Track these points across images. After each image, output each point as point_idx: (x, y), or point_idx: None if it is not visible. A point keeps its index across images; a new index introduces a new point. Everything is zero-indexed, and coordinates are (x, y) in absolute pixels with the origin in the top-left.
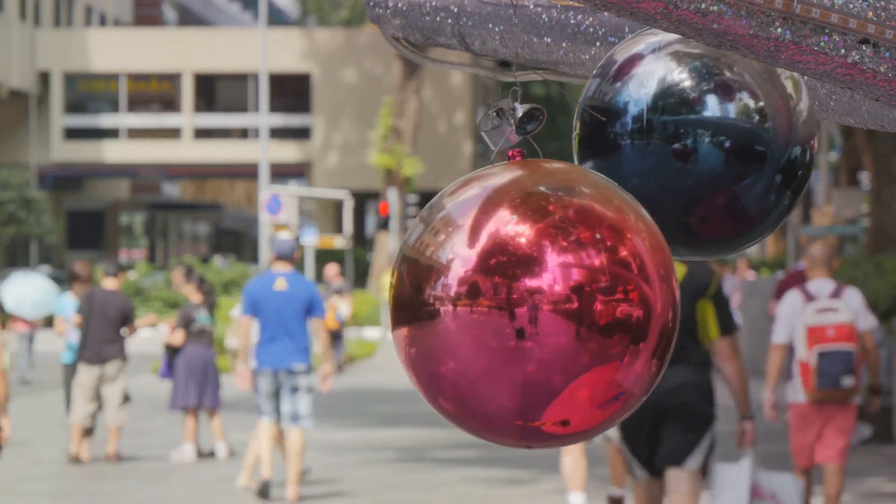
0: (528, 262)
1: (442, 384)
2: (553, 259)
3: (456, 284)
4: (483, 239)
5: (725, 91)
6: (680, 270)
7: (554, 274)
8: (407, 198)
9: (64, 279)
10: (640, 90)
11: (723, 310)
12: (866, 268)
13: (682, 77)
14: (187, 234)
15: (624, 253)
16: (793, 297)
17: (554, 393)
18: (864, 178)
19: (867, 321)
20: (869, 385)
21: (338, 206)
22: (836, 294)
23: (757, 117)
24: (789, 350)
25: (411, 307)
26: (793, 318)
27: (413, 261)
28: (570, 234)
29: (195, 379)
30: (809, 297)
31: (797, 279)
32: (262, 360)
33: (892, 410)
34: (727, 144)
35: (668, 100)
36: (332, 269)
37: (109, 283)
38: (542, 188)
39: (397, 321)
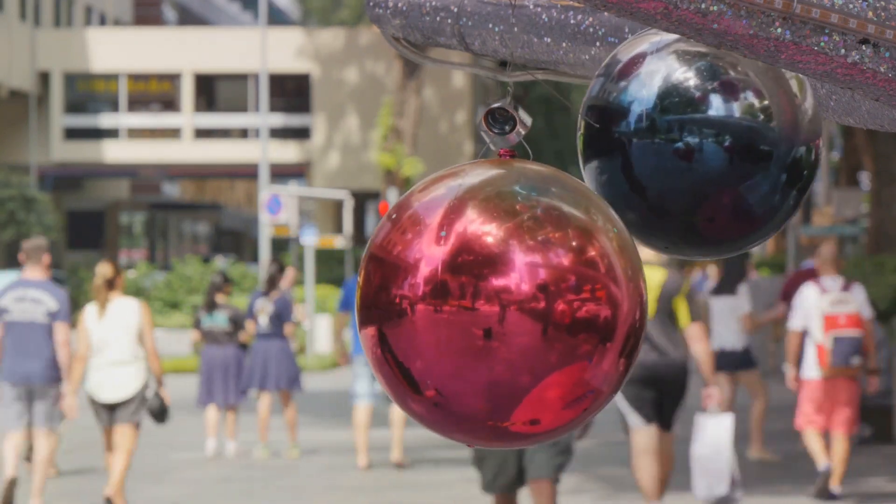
0: (495, 261)
1: (411, 385)
2: (520, 258)
3: (423, 283)
4: (450, 238)
5: (730, 90)
6: (661, 275)
7: (521, 273)
8: None
9: (64, 279)
10: (643, 90)
11: (692, 304)
12: (866, 268)
13: (686, 76)
14: (187, 234)
15: (591, 253)
16: (809, 290)
17: (522, 392)
18: (864, 178)
19: (868, 312)
20: (867, 368)
21: (338, 206)
22: (845, 288)
23: (762, 116)
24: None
25: (378, 306)
26: (809, 309)
27: (380, 259)
28: (537, 233)
29: (213, 378)
30: (824, 290)
31: (804, 278)
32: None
33: (892, 410)
34: (732, 144)
35: (672, 99)
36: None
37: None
38: (510, 188)
39: (364, 320)
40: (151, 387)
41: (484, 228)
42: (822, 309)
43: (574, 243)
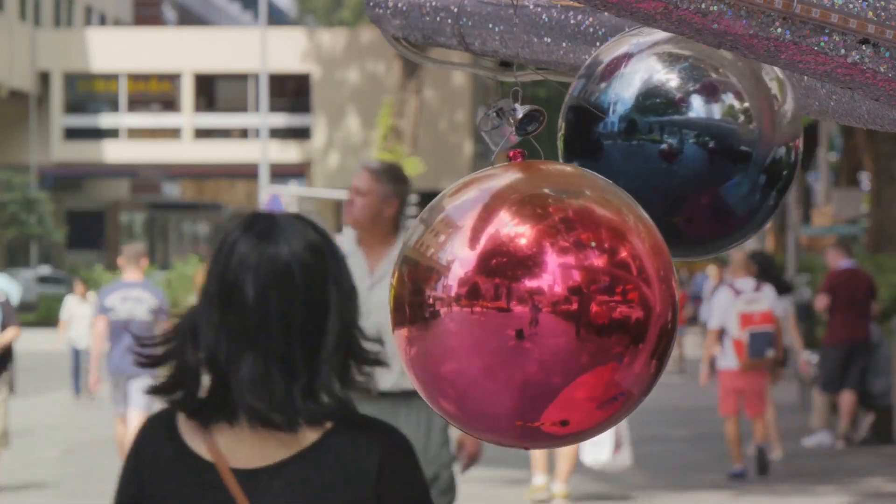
0: (528, 263)
1: (442, 384)
2: (553, 260)
3: (456, 285)
4: (483, 240)
5: (710, 92)
6: None
7: (554, 275)
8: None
9: (64, 279)
10: (625, 90)
11: None
12: (866, 268)
13: (667, 77)
14: (187, 234)
15: (623, 254)
16: (724, 293)
17: (553, 393)
18: (864, 178)
19: (779, 308)
20: (776, 360)
21: (338, 206)
22: (757, 289)
23: (742, 118)
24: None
25: (412, 308)
26: (725, 310)
27: (413, 262)
28: (569, 235)
29: None
30: (738, 292)
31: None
32: None
33: (892, 410)
34: (712, 145)
35: (653, 100)
36: None
37: None
38: (542, 190)
39: (398, 322)
40: None
41: (517, 230)
42: (737, 308)
43: (606, 244)
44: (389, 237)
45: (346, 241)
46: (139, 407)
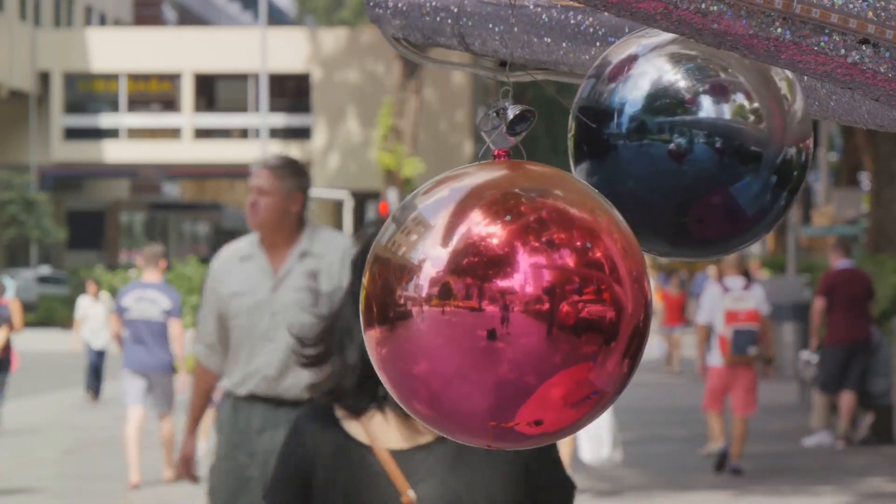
0: (500, 262)
1: (414, 385)
2: (524, 259)
3: (427, 285)
4: (455, 239)
5: (720, 92)
6: None
7: (525, 274)
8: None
9: (64, 279)
10: (634, 91)
11: None
12: (866, 268)
13: (676, 78)
14: (187, 234)
15: (596, 254)
16: (714, 289)
17: (527, 393)
18: (864, 178)
19: (765, 308)
20: (762, 357)
21: (338, 206)
22: (746, 288)
23: (752, 118)
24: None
25: (383, 307)
26: (713, 306)
27: (385, 261)
28: (541, 235)
29: None
30: (726, 290)
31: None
32: None
33: (892, 410)
34: (722, 145)
35: (662, 101)
36: None
37: None
38: (515, 189)
39: (369, 321)
40: None
41: (489, 230)
42: (724, 306)
43: (578, 244)
44: (294, 235)
45: (244, 244)
46: (159, 410)
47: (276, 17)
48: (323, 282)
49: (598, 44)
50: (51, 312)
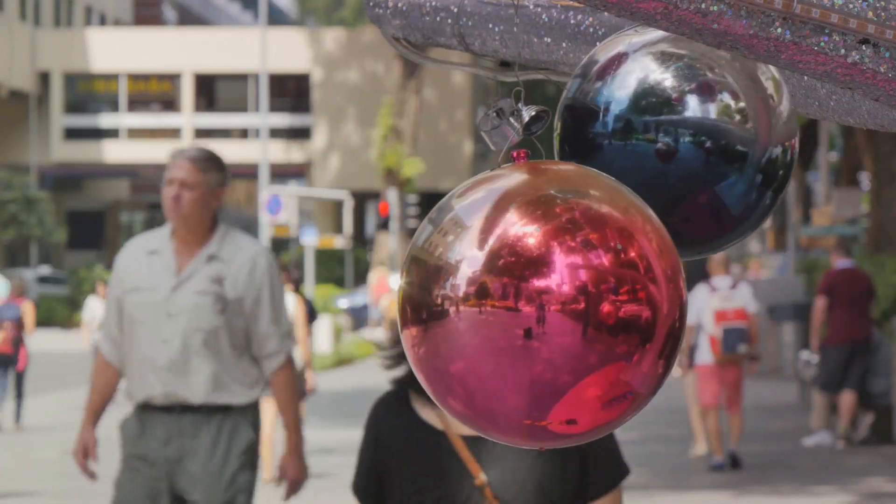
0: (536, 262)
1: (450, 384)
2: (561, 260)
3: (465, 285)
4: (491, 240)
5: (706, 91)
6: None
7: (562, 274)
8: (407, 198)
9: (64, 279)
10: (620, 90)
11: None
12: (866, 268)
13: (663, 77)
14: None
15: (631, 254)
16: (701, 290)
17: (561, 392)
18: (864, 178)
19: (753, 306)
20: (750, 354)
21: (338, 206)
22: (733, 287)
23: (738, 117)
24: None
25: (420, 307)
26: (702, 306)
27: (422, 261)
28: (577, 235)
29: None
30: (714, 290)
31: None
32: None
33: (892, 410)
34: (708, 144)
35: (649, 99)
36: None
37: None
38: (550, 190)
39: (406, 321)
40: None
41: (525, 230)
42: (713, 305)
43: (614, 244)
44: (208, 234)
45: (154, 237)
46: None
47: (276, 17)
48: (227, 288)
49: (598, 44)
50: (51, 312)
